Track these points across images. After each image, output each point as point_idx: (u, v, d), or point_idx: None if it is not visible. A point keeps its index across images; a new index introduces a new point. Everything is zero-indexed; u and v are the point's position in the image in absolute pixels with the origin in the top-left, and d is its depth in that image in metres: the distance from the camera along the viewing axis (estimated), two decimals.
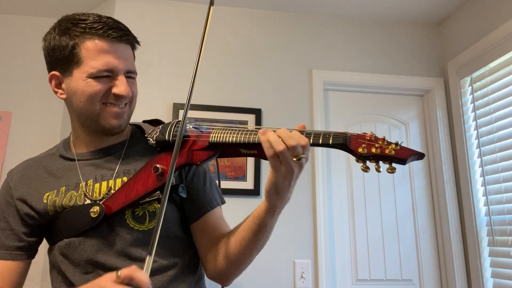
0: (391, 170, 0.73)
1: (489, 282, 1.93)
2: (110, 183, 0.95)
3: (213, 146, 0.87)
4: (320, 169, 2.07)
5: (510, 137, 1.87)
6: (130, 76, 0.96)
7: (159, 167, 0.87)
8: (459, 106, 2.15)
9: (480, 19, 2.07)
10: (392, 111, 2.31)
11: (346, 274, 2.04)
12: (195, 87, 0.88)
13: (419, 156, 0.71)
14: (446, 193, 2.13)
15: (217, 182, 1.10)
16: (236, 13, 2.24)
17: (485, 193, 1.99)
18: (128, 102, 0.97)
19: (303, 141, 0.75)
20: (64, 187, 0.96)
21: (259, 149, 0.82)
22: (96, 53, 0.90)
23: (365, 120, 2.28)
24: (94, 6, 2.21)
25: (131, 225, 0.92)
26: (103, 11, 2.13)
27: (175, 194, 0.94)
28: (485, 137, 2.02)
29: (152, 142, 0.94)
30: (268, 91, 2.16)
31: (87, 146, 1.01)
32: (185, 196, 0.96)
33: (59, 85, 0.96)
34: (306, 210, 2.02)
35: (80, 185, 0.95)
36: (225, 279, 1.00)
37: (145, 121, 1.09)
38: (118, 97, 0.93)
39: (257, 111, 2.10)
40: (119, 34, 0.92)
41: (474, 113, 2.10)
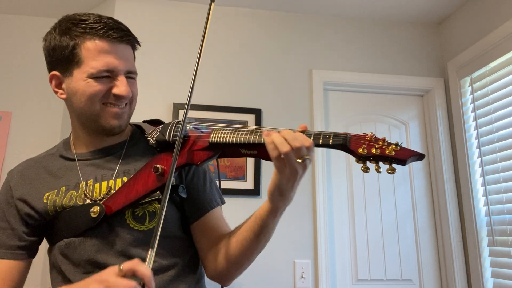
0: (391, 171, 0.73)
1: (489, 282, 1.93)
2: (110, 183, 0.95)
3: (213, 146, 0.87)
4: (320, 169, 2.07)
5: (510, 137, 1.87)
6: (131, 76, 0.97)
7: (159, 167, 0.88)
8: (459, 106, 2.15)
9: (480, 19, 2.07)
10: (392, 111, 2.31)
11: (346, 274, 2.04)
12: (195, 87, 0.88)
13: (419, 156, 0.72)
14: (446, 193, 2.13)
15: (217, 182, 1.10)
16: (236, 13, 2.24)
17: (485, 193, 1.99)
18: (128, 102, 0.97)
19: (307, 142, 0.75)
20: (64, 187, 0.96)
21: (259, 149, 0.82)
22: (97, 53, 0.90)
23: (365, 120, 2.28)
24: (94, 6, 2.21)
25: (131, 225, 0.92)
26: (103, 11, 2.13)
27: (175, 194, 0.94)
28: (485, 137, 2.02)
29: (152, 142, 0.95)
30: (268, 91, 2.16)
31: (87, 146, 1.01)
32: (185, 196, 0.96)
33: (59, 85, 0.97)
34: (306, 210, 2.02)
35: (80, 185, 0.95)
36: (225, 279, 1.00)
37: (145, 121, 1.09)
38: (118, 97, 0.93)
39: (257, 111, 2.10)
40: (119, 34, 0.93)
41: (474, 113, 2.10)
